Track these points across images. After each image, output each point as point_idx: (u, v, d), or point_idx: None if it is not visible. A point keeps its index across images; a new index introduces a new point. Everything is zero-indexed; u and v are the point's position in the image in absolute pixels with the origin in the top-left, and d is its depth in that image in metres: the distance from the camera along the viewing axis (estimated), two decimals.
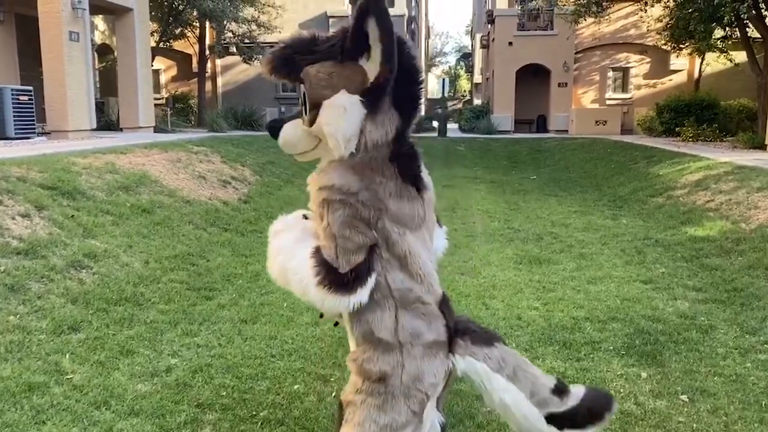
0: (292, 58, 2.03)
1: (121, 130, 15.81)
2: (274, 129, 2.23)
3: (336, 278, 1.97)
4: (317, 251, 2.03)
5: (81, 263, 5.67)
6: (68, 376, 3.85)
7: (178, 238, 7.34)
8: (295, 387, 3.90)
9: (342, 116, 1.94)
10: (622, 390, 3.85)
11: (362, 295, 1.99)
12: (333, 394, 3.79)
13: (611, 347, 4.53)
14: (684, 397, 3.76)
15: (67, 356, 4.11)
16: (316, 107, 2.00)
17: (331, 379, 4.01)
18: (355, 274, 1.97)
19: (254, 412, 3.57)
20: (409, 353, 2.05)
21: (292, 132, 2.17)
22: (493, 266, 6.91)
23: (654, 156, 14.61)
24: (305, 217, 2.36)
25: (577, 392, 2.17)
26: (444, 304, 2.19)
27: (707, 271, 6.60)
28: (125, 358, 4.25)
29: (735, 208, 8.89)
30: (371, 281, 2.01)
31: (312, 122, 2.05)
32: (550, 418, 2.08)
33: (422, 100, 2.17)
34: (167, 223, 7.63)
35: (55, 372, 3.88)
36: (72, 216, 6.53)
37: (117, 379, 3.90)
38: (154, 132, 16.28)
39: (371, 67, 1.94)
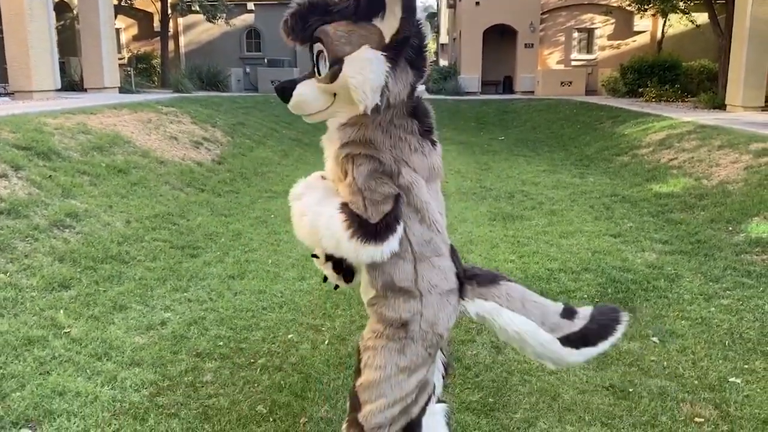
0: (307, 19, 2.09)
1: (85, 90, 15.47)
2: (287, 90, 2.19)
3: (368, 229, 2.03)
4: (345, 206, 2.09)
5: (63, 223, 5.68)
6: (65, 330, 3.94)
7: (156, 198, 7.36)
8: (289, 336, 4.06)
9: (368, 67, 1.99)
10: None
11: (394, 243, 2.07)
12: (326, 342, 3.96)
13: (585, 295, 4.78)
14: (655, 339, 4.03)
15: (62, 312, 4.19)
16: (337, 62, 2.04)
17: (323, 329, 4.17)
18: (386, 223, 2.05)
19: (252, 360, 3.73)
20: (427, 301, 2.19)
21: (308, 91, 2.15)
22: (468, 223, 7.11)
23: (619, 116, 14.93)
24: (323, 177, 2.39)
25: (585, 312, 2.34)
26: (453, 253, 2.34)
27: (672, 225, 6.91)
28: (119, 312, 4.34)
29: (697, 165, 9.24)
30: (400, 229, 2.10)
31: (333, 78, 2.07)
32: (564, 340, 2.26)
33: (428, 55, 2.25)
34: (144, 184, 7.62)
35: (52, 326, 3.96)
36: (50, 176, 6.49)
37: (114, 333, 4.00)
38: (119, 92, 15.97)
39: (386, 25, 2.02)
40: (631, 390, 3.38)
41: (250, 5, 27.47)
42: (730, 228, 6.55)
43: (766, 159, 8.21)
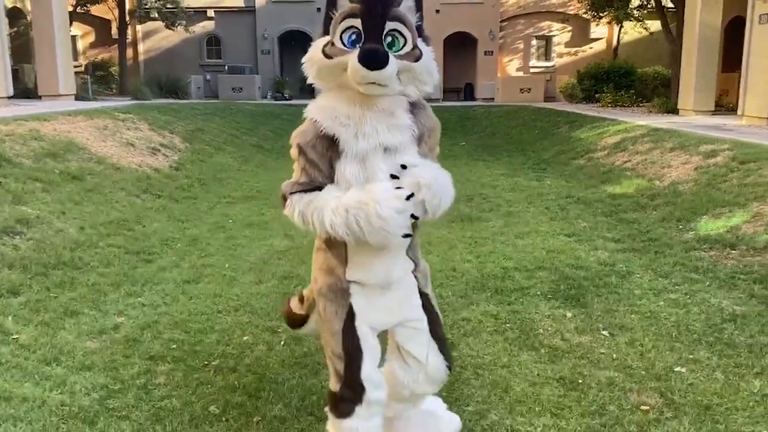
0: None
1: (39, 98, 15.16)
2: (385, 56, 2.12)
3: None
4: None
5: (14, 229, 5.56)
6: (14, 336, 3.86)
7: (111, 204, 7.26)
8: (245, 338, 4.04)
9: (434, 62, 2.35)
10: (549, 328, 4.18)
11: None
12: (282, 343, 3.95)
13: (539, 292, 4.87)
14: (605, 332, 4.13)
15: (10, 318, 4.10)
16: (415, 47, 2.25)
17: (279, 330, 4.16)
18: None
19: (206, 362, 3.70)
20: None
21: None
22: (427, 225, 7.13)
23: (575, 121, 15.23)
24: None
25: None
26: None
27: (625, 224, 7.08)
28: (70, 318, 4.27)
29: (650, 167, 9.49)
30: None
31: (417, 59, 2.24)
32: None
33: None
34: (99, 190, 7.51)
35: None
36: None
37: (64, 338, 3.94)
38: (75, 100, 15.69)
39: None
40: (580, 381, 3.46)
41: (210, 12, 27.28)
42: (681, 226, 6.74)
43: (714, 160, 8.48)
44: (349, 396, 2.36)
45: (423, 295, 2.56)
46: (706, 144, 9.31)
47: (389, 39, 2.17)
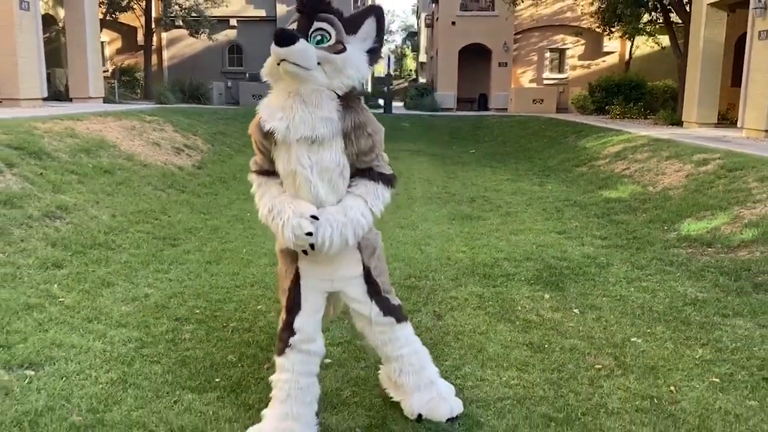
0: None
1: (70, 100, 15.98)
2: (293, 36, 2.51)
3: None
4: None
5: (55, 214, 6.21)
6: (60, 299, 4.47)
7: (139, 196, 7.90)
8: (258, 307, 4.63)
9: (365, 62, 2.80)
10: (527, 306, 4.72)
11: None
12: None
13: (523, 278, 5.41)
14: (576, 311, 4.66)
15: (56, 285, 4.72)
16: (340, 43, 2.68)
17: None
18: None
19: (225, 324, 4.29)
20: None
21: (310, 49, 2.62)
22: (429, 222, 7.73)
23: (582, 131, 15.72)
24: None
25: None
26: None
27: (614, 224, 7.59)
28: (106, 288, 4.88)
29: (646, 174, 9.98)
30: None
31: (337, 52, 2.69)
32: None
33: None
34: (128, 184, 8.16)
35: (47, 296, 4.49)
36: (41, 173, 7.01)
37: (102, 303, 4.54)
38: (103, 102, 16.48)
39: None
40: (546, 346, 3.99)
41: (233, 21, 28.15)
42: (665, 227, 7.24)
43: (705, 168, 8.96)
44: (284, 338, 2.92)
45: (365, 267, 2.95)
46: (699, 153, 9.78)
47: (318, 37, 2.62)
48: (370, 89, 32.24)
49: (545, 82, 27.60)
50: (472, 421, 3.08)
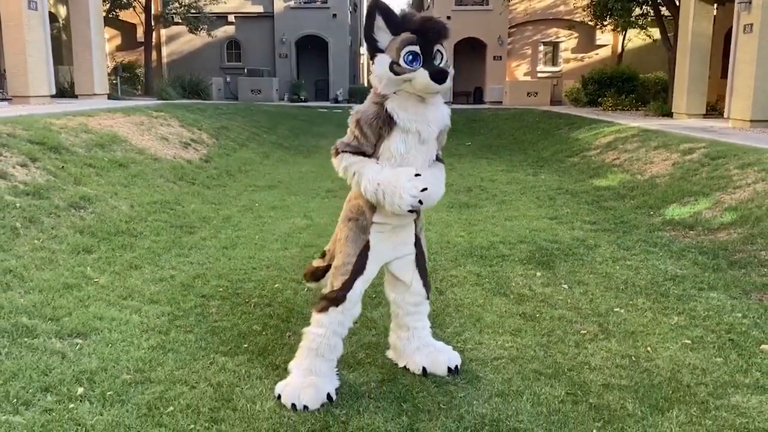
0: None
1: (76, 97, 16.34)
2: (447, 74, 3.08)
3: None
4: None
5: (79, 204, 6.63)
6: (95, 280, 4.91)
7: (153, 188, 8.32)
8: (276, 286, 5.06)
9: None
10: (521, 282, 5.17)
11: None
12: (305, 290, 4.96)
13: (517, 258, 5.86)
14: (565, 286, 5.11)
15: (89, 268, 5.15)
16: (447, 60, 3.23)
17: (303, 282, 5.17)
18: None
19: (247, 300, 4.72)
20: None
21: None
22: (429, 210, 8.15)
23: (575, 123, 16.17)
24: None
25: None
26: None
27: (603, 210, 8.04)
28: (135, 270, 5.31)
29: (635, 163, 10.44)
30: None
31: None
32: None
33: None
34: (142, 176, 8.58)
35: (83, 277, 4.92)
36: (62, 167, 7.43)
37: (133, 283, 4.98)
38: (108, 99, 16.85)
39: None
40: (537, 316, 4.45)
41: (231, 17, 28.50)
42: (651, 212, 7.70)
43: (690, 156, 9.42)
44: (333, 298, 3.30)
45: (416, 237, 3.52)
46: (686, 143, 10.24)
47: (439, 57, 3.14)
48: (366, 84, 32.64)
49: (539, 75, 28.04)
50: (472, 375, 3.53)
